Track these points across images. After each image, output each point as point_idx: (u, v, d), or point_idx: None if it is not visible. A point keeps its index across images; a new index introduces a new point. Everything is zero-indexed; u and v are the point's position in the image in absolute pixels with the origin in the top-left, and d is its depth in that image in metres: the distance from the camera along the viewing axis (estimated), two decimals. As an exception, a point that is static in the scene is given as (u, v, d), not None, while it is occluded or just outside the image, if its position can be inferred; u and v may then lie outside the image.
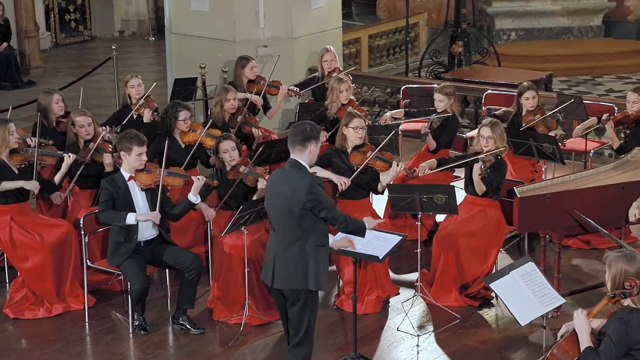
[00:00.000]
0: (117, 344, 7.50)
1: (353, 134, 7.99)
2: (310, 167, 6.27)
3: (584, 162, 10.01)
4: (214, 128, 8.96)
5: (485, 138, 7.98)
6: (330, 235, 6.40)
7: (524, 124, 9.21)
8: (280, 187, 6.18)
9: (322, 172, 7.94)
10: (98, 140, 8.29)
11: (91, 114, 8.49)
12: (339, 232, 6.54)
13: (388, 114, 10.04)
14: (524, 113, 9.31)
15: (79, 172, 8.24)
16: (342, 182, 7.95)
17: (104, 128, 8.85)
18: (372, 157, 7.99)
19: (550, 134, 9.16)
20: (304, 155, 6.15)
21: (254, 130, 9.41)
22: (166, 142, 7.91)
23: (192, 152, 8.64)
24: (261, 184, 7.81)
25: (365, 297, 7.84)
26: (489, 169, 7.90)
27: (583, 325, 5.36)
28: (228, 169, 7.96)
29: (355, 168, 8.03)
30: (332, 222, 6.18)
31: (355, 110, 8.44)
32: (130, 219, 7.39)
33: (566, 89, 14.94)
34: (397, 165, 7.92)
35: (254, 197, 7.84)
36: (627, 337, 5.27)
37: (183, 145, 8.75)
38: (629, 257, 5.40)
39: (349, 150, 8.08)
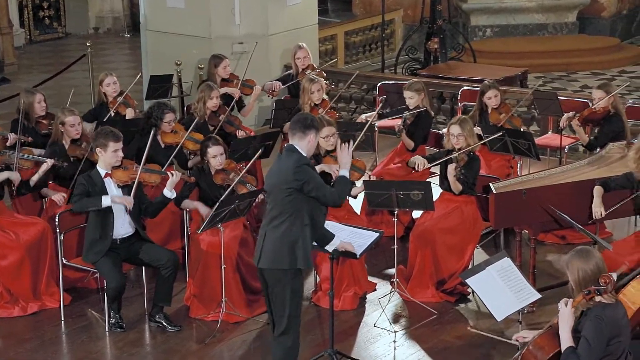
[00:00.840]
0: (93, 342, 7.46)
1: (324, 142, 7.98)
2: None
3: (559, 157, 10.07)
4: (195, 130, 8.93)
5: (455, 136, 8.00)
6: (337, 235, 6.46)
7: (490, 123, 9.27)
8: (274, 169, 6.35)
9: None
10: (92, 141, 8.24)
11: (78, 113, 8.48)
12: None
13: (363, 116, 10.06)
14: (489, 112, 9.36)
15: (77, 173, 8.17)
16: (335, 170, 7.94)
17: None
18: None
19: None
20: (303, 143, 6.27)
21: (239, 132, 9.41)
22: (152, 132, 7.90)
23: (173, 154, 8.59)
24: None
25: (342, 294, 7.85)
26: (463, 169, 7.92)
27: (567, 319, 5.36)
28: (214, 172, 7.95)
29: None
30: (322, 201, 6.24)
31: (325, 116, 8.40)
32: (106, 201, 7.37)
33: (541, 85, 14.99)
34: (369, 177, 7.92)
35: None
36: (604, 335, 5.30)
37: (163, 145, 8.74)
38: (582, 253, 5.41)
39: (322, 154, 8.07)
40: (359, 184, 8.03)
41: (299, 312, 6.36)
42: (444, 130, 10.05)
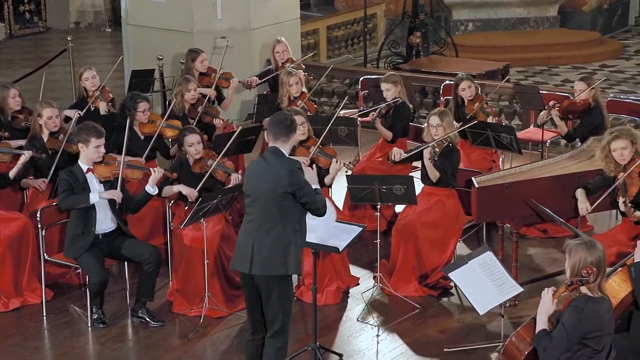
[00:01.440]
0: (75, 338, 7.44)
1: None
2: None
3: (540, 151, 10.11)
4: (174, 119, 8.94)
5: (434, 127, 8.04)
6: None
7: (467, 114, 9.30)
8: (262, 173, 6.20)
9: None
10: (68, 131, 8.22)
11: (57, 105, 8.45)
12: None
13: (342, 112, 10.08)
14: (466, 103, 9.40)
15: (54, 165, 8.14)
16: (304, 161, 7.94)
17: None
18: (315, 153, 8.02)
19: (489, 120, 9.25)
20: (287, 145, 6.24)
21: (215, 120, 9.41)
22: (127, 122, 7.87)
23: (151, 143, 8.61)
24: (234, 179, 7.84)
25: (325, 288, 7.86)
26: (439, 154, 7.95)
27: (545, 305, 5.41)
28: (192, 162, 7.94)
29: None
30: (311, 207, 6.17)
31: (293, 107, 8.39)
32: (94, 197, 7.33)
33: (523, 79, 15.05)
34: (337, 162, 7.95)
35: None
36: (581, 326, 5.33)
37: (142, 137, 8.72)
38: (589, 245, 5.45)
39: (295, 145, 8.07)
40: (331, 169, 8.04)
41: (290, 313, 6.35)
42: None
